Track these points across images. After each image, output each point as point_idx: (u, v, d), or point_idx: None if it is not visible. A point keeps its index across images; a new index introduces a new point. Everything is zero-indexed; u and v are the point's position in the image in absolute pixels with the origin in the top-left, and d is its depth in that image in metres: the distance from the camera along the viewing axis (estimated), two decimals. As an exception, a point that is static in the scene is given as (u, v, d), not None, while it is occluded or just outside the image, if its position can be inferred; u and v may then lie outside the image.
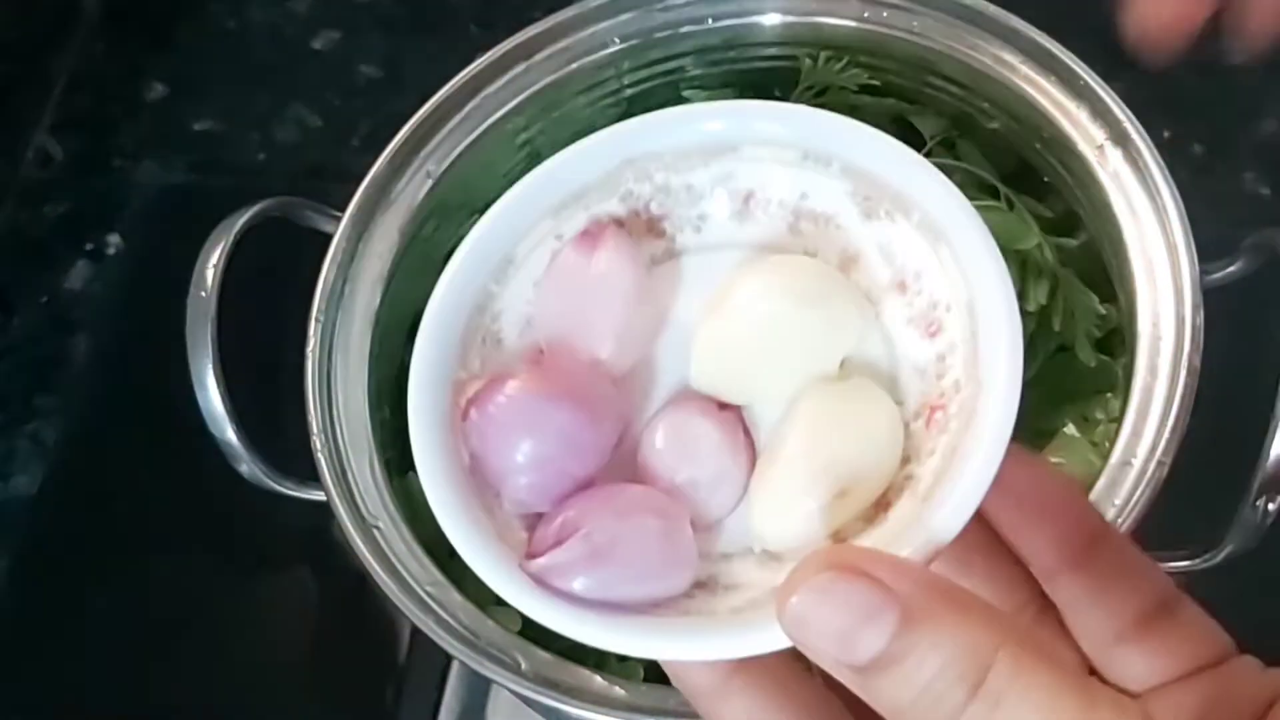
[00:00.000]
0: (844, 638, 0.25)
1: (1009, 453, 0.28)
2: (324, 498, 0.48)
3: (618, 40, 0.56)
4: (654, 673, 0.49)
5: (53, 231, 0.75)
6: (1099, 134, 0.50)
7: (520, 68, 0.55)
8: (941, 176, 0.31)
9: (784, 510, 0.30)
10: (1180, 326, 0.47)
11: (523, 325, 0.33)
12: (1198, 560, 0.47)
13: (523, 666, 0.44)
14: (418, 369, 0.32)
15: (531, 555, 0.29)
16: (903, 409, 0.31)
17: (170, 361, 0.50)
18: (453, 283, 0.32)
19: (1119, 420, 0.46)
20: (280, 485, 0.51)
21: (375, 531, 0.47)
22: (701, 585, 0.30)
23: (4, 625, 0.64)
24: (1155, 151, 0.49)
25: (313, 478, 0.48)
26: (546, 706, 0.44)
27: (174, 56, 0.80)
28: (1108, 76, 0.51)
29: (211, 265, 0.51)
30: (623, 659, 0.49)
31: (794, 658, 0.27)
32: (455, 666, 0.60)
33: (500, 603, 0.51)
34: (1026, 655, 0.25)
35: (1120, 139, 0.50)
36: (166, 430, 0.55)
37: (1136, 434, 0.46)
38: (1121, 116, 0.50)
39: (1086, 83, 0.51)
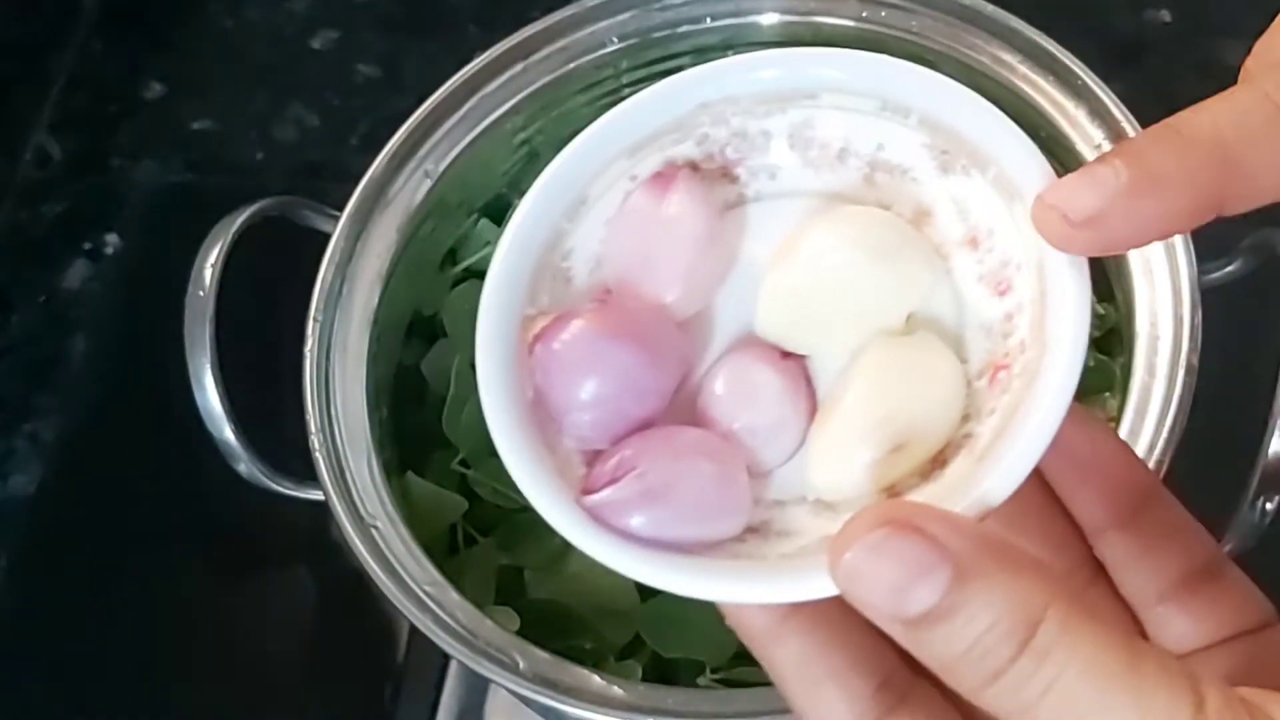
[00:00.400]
0: (896, 592, 0.25)
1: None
2: (322, 497, 0.48)
3: (616, 40, 0.56)
4: (652, 672, 0.49)
5: (51, 231, 0.75)
6: (1097, 134, 0.50)
7: (518, 67, 0.55)
8: (1020, 133, 0.30)
9: (840, 461, 0.30)
10: (1178, 326, 0.47)
11: (593, 264, 0.33)
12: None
13: (521, 666, 0.44)
14: (488, 302, 0.31)
15: (587, 491, 0.30)
16: (967, 367, 0.31)
17: (168, 361, 0.50)
18: (526, 218, 0.32)
19: (1117, 420, 0.46)
20: (278, 485, 0.51)
21: (373, 531, 0.47)
22: (754, 530, 0.31)
23: (2, 624, 0.64)
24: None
25: (311, 477, 0.48)
26: (545, 706, 0.44)
27: (172, 56, 0.80)
28: (1106, 76, 0.51)
29: (210, 264, 0.51)
30: (621, 658, 0.49)
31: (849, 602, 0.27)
32: (453, 666, 0.60)
33: (501, 600, 0.51)
34: (1075, 613, 0.25)
35: (1118, 139, 0.50)
36: (165, 430, 0.55)
37: (1135, 433, 0.46)
38: (1120, 116, 0.50)
39: (1085, 82, 0.51)
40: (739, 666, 0.49)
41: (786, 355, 0.32)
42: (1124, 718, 0.24)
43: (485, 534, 0.52)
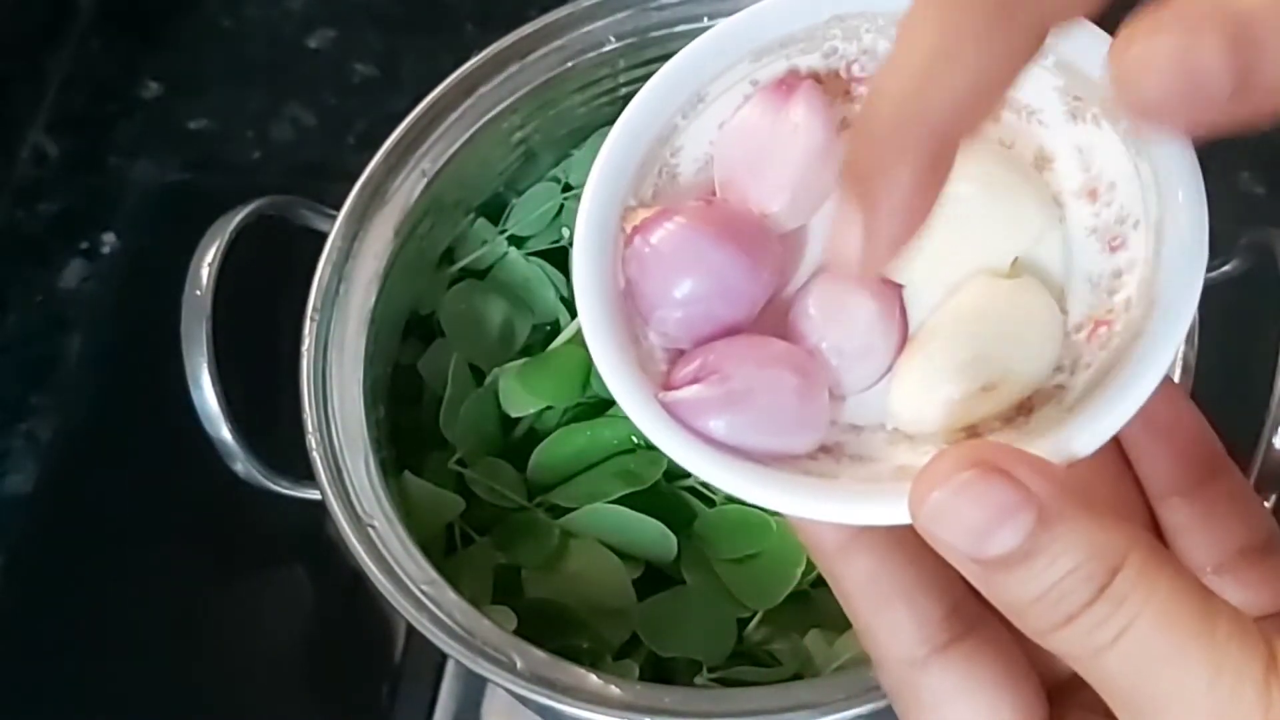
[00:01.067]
0: (979, 534, 0.25)
1: None
2: (319, 496, 0.48)
3: (613, 39, 0.56)
4: (649, 671, 0.49)
5: (48, 230, 0.74)
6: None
7: (516, 66, 0.55)
8: None
9: (925, 394, 0.30)
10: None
11: (700, 164, 0.32)
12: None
13: (518, 665, 0.44)
14: (592, 189, 0.31)
15: (668, 388, 0.30)
16: (1067, 318, 0.31)
17: (165, 360, 0.50)
18: (640, 109, 0.32)
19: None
20: (275, 484, 0.51)
21: (370, 530, 0.47)
22: (827, 450, 0.30)
23: (-1, 624, 0.64)
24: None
25: (308, 476, 0.48)
26: (542, 705, 0.44)
27: (169, 55, 0.80)
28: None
29: (207, 264, 0.51)
30: (618, 657, 0.49)
31: None
32: (451, 665, 0.60)
33: (499, 599, 0.51)
34: (1154, 561, 0.25)
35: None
36: (162, 429, 0.55)
37: (1132, 433, 0.46)
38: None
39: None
40: (736, 666, 0.49)
41: (883, 281, 0.32)
42: (1195, 668, 0.24)
43: (482, 533, 0.52)
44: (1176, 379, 0.46)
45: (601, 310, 0.30)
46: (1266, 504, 0.46)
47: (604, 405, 0.53)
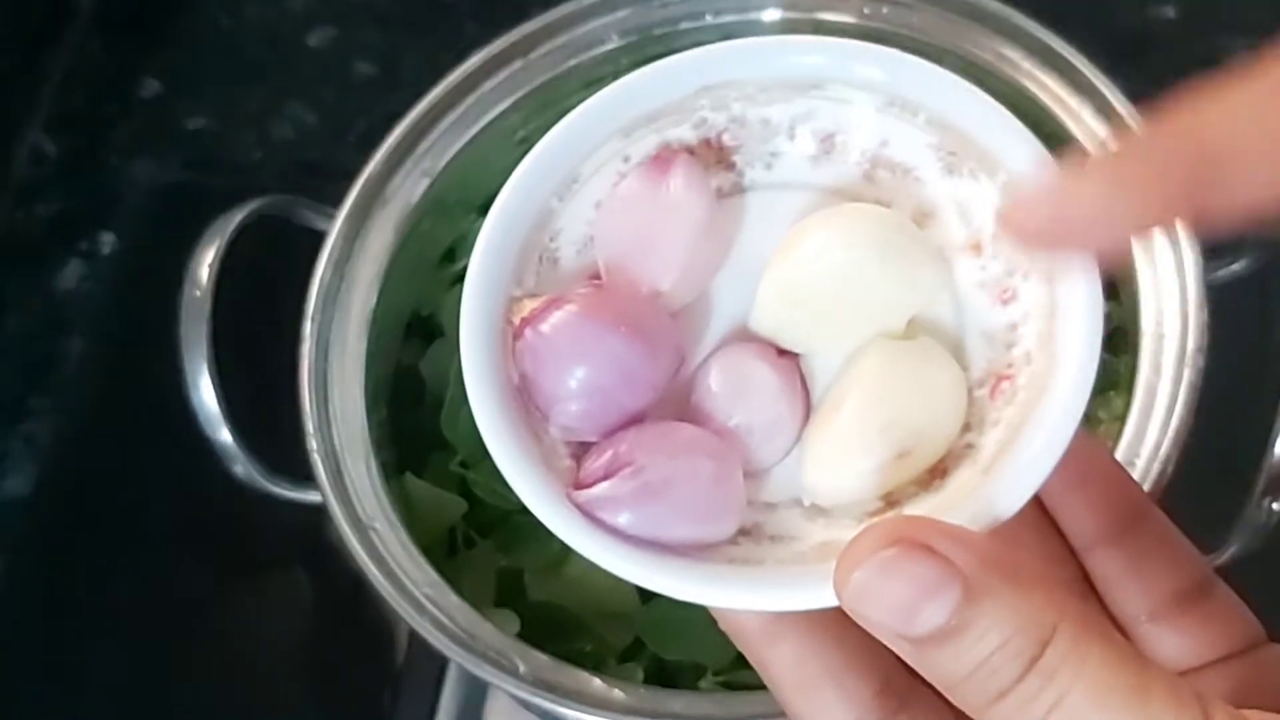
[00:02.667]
0: (904, 612, 0.25)
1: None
2: (320, 499, 0.47)
3: (616, 37, 0.55)
4: (653, 675, 0.49)
5: (46, 230, 0.74)
6: (1102, 130, 0.50)
7: (517, 64, 0.55)
8: (1034, 140, 0.30)
9: (839, 467, 0.30)
10: (1184, 324, 0.47)
11: (580, 245, 0.32)
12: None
13: (520, 669, 0.44)
14: (473, 281, 0.31)
15: (580, 486, 0.29)
16: (967, 375, 0.31)
17: (165, 361, 0.50)
18: (514, 195, 0.31)
19: (1122, 419, 0.46)
20: (275, 486, 0.51)
21: (371, 533, 0.47)
22: (745, 533, 0.30)
23: (-2, 627, 0.64)
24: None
25: (308, 479, 0.48)
26: (544, 709, 0.44)
27: (168, 54, 0.79)
28: (1111, 73, 0.51)
29: (206, 264, 0.50)
30: (622, 661, 0.49)
31: None
32: (453, 669, 0.60)
33: (501, 603, 0.51)
34: (1084, 633, 0.25)
35: (1123, 135, 0.50)
36: (161, 431, 0.55)
37: (1140, 433, 0.46)
38: (1124, 113, 0.50)
39: (1089, 79, 0.51)
40: (740, 669, 0.48)
41: (782, 353, 0.31)
42: None
43: (484, 536, 0.52)
44: (1184, 379, 0.46)
45: (497, 409, 0.29)
46: (1275, 505, 0.46)
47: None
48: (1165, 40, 0.72)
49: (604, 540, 0.28)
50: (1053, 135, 0.51)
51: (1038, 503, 0.31)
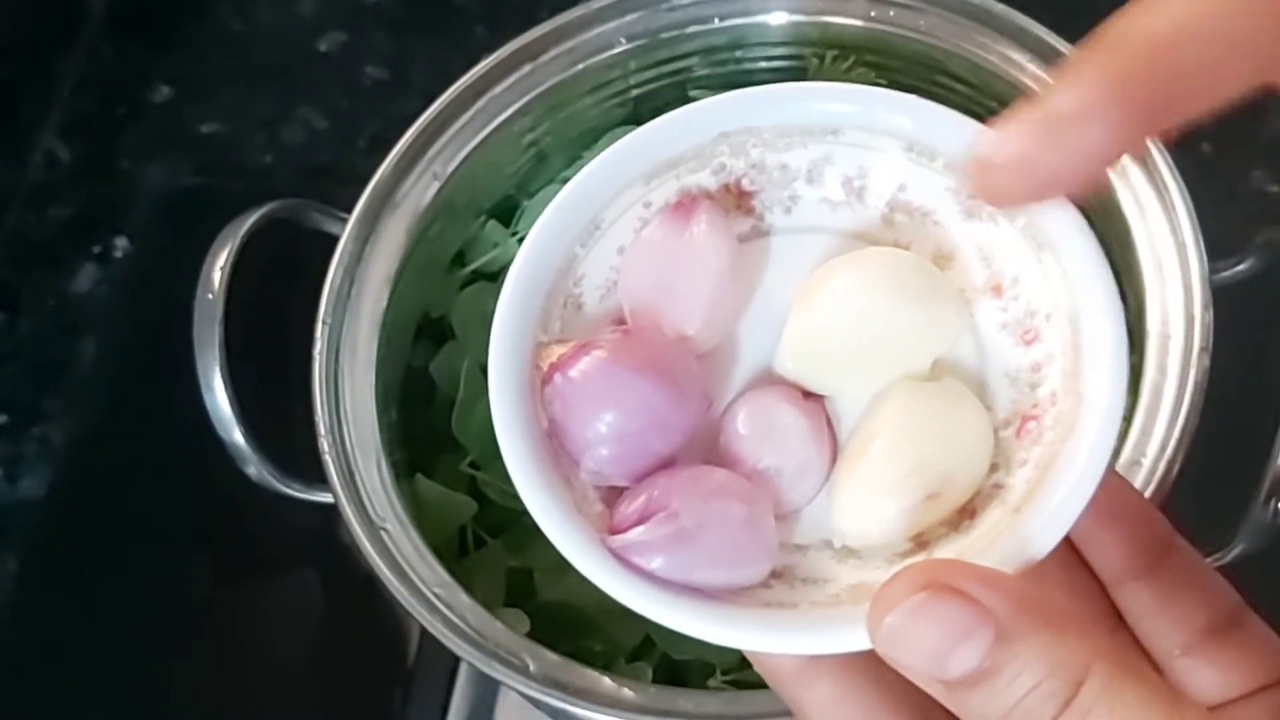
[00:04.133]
0: (937, 656, 0.25)
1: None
2: (331, 500, 0.48)
3: (624, 40, 0.56)
4: (663, 674, 0.49)
5: (60, 234, 0.75)
6: (1107, 132, 0.50)
7: (526, 68, 0.55)
8: None
9: (869, 510, 0.30)
10: (1190, 325, 0.47)
11: (604, 291, 0.32)
12: (1207, 561, 0.47)
13: (531, 668, 0.44)
14: (500, 329, 0.31)
15: (615, 531, 0.29)
16: (992, 416, 0.31)
17: (177, 364, 0.50)
18: (539, 243, 0.31)
19: (1128, 419, 0.46)
20: (287, 487, 0.51)
21: (383, 533, 0.47)
22: (778, 575, 0.30)
23: (11, 627, 0.64)
24: (1163, 149, 0.49)
25: (320, 480, 0.48)
26: (554, 708, 0.44)
27: (180, 58, 0.80)
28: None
29: (218, 267, 0.50)
30: (631, 660, 0.49)
31: None
32: (463, 668, 0.60)
33: (511, 602, 0.51)
34: (1118, 672, 0.25)
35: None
36: (174, 432, 0.55)
37: (1146, 433, 0.46)
38: (1130, 115, 0.50)
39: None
40: (749, 669, 0.49)
41: (808, 395, 0.31)
42: None
43: (495, 536, 0.52)
44: (1190, 380, 0.46)
45: (529, 455, 0.29)
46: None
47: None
48: (1171, 42, 0.72)
49: (638, 585, 0.28)
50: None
51: (1065, 538, 0.31)
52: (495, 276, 0.57)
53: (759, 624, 0.28)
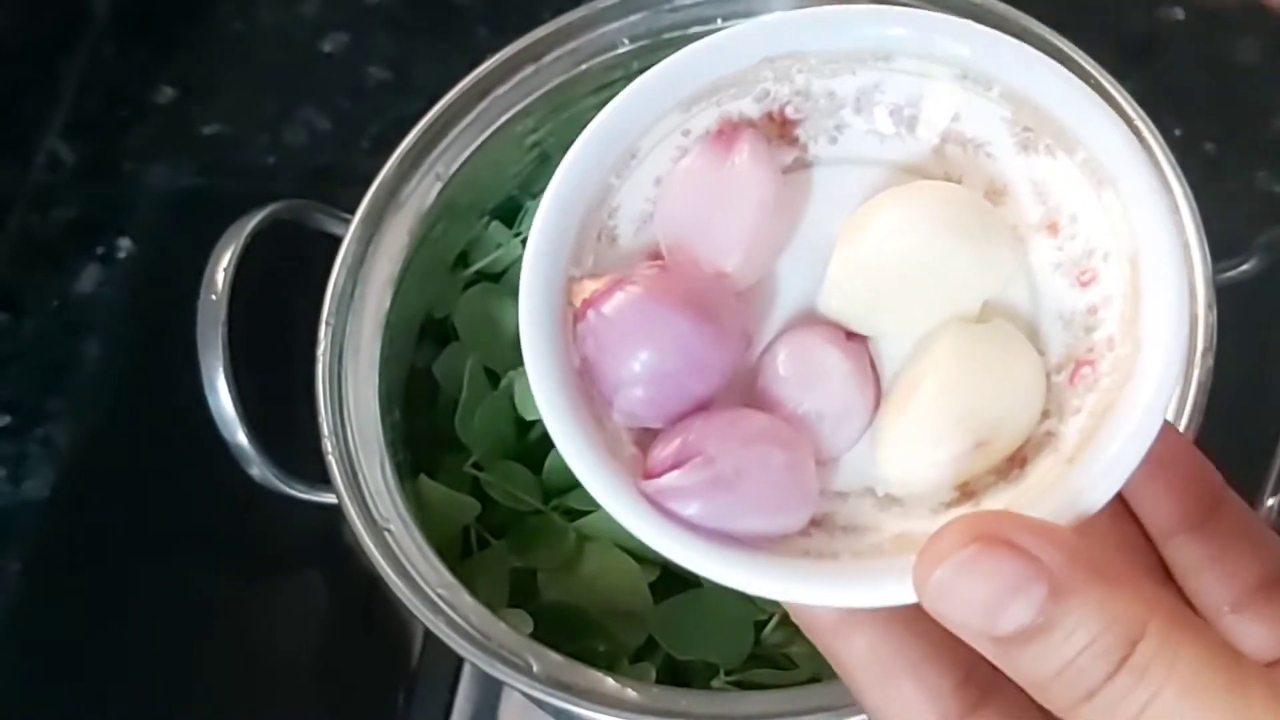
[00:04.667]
0: (988, 611, 0.24)
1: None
2: (335, 500, 0.48)
3: (627, 41, 0.56)
4: (666, 675, 0.49)
5: (63, 235, 0.75)
6: (1110, 132, 0.50)
7: (529, 69, 0.55)
8: (1115, 117, 0.29)
9: (915, 457, 0.29)
10: (1193, 325, 0.47)
11: (640, 223, 0.31)
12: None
13: (534, 669, 0.44)
14: (531, 261, 0.29)
15: (649, 475, 0.28)
16: (1045, 360, 0.29)
17: (181, 365, 0.50)
18: (571, 172, 0.30)
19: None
20: (291, 488, 0.51)
21: (386, 534, 0.47)
22: (817, 524, 0.29)
23: (14, 628, 0.64)
24: (1166, 149, 0.49)
25: (324, 480, 0.48)
26: (558, 709, 0.44)
27: (183, 60, 0.80)
28: (1119, 74, 0.51)
29: (222, 268, 0.51)
30: (635, 660, 0.49)
31: None
32: (467, 669, 0.60)
33: (515, 603, 0.51)
34: (1176, 628, 0.24)
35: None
36: (177, 433, 0.55)
37: (1149, 433, 0.45)
38: (1132, 114, 0.50)
39: (1097, 81, 0.50)
40: (753, 669, 0.49)
41: (851, 335, 0.30)
42: None
43: (498, 536, 0.52)
44: (1193, 380, 0.46)
45: (560, 395, 0.28)
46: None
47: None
48: (1174, 41, 0.72)
49: (673, 531, 0.27)
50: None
51: None
52: (498, 277, 0.57)
53: (798, 574, 0.27)
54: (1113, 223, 0.29)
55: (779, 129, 0.31)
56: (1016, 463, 0.29)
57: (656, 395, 0.29)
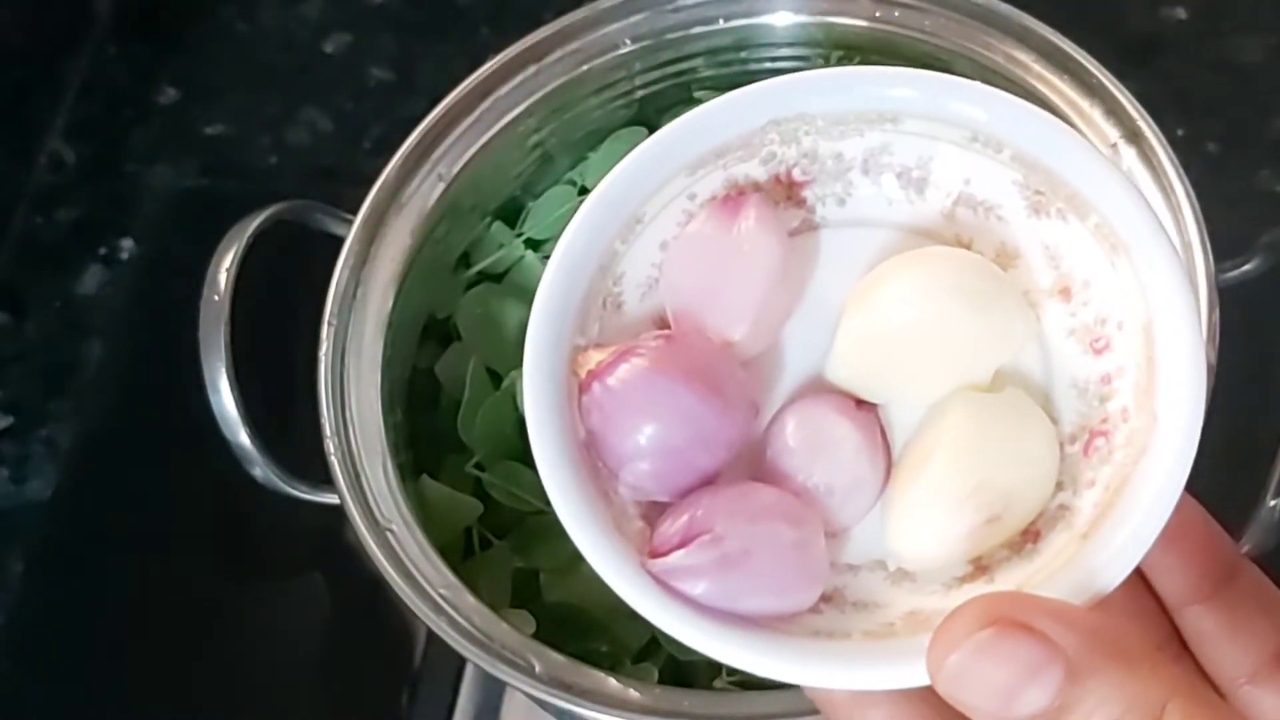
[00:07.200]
0: (1004, 695, 0.24)
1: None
2: (337, 501, 0.48)
3: (629, 42, 0.56)
4: (668, 675, 0.49)
5: (66, 236, 0.75)
6: (1112, 132, 0.50)
7: (531, 69, 0.55)
8: (1129, 182, 0.28)
9: (927, 531, 0.28)
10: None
11: (645, 289, 0.30)
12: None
13: (537, 669, 0.44)
14: (536, 331, 0.29)
15: (655, 554, 0.27)
16: (1058, 430, 0.29)
17: (184, 365, 0.50)
18: (577, 237, 0.29)
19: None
20: (293, 489, 0.51)
21: (389, 534, 0.47)
22: (827, 599, 0.28)
23: (18, 628, 0.64)
24: (1169, 149, 0.49)
25: (326, 481, 0.48)
26: (561, 709, 0.44)
27: (185, 60, 0.80)
28: (1121, 74, 0.51)
29: (224, 269, 0.51)
30: (637, 661, 0.49)
31: None
32: (469, 669, 0.60)
33: (517, 603, 0.51)
34: (1196, 709, 0.24)
35: (1134, 137, 0.50)
36: (180, 434, 0.55)
37: (1152, 433, 0.45)
38: (1135, 115, 0.50)
39: (1100, 81, 0.50)
40: (755, 669, 0.49)
41: (860, 404, 0.30)
42: None
43: (500, 537, 0.52)
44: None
45: (565, 468, 0.28)
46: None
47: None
48: (1176, 41, 0.72)
49: (679, 611, 0.27)
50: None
51: None
52: (500, 278, 0.57)
53: (809, 656, 0.27)
54: (1126, 290, 0.28)
55: (786, 191, 0.31)
56: (1030, 537, 0.28)
57: (663, 469, 0.28)
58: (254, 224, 0.52)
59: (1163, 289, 0.27)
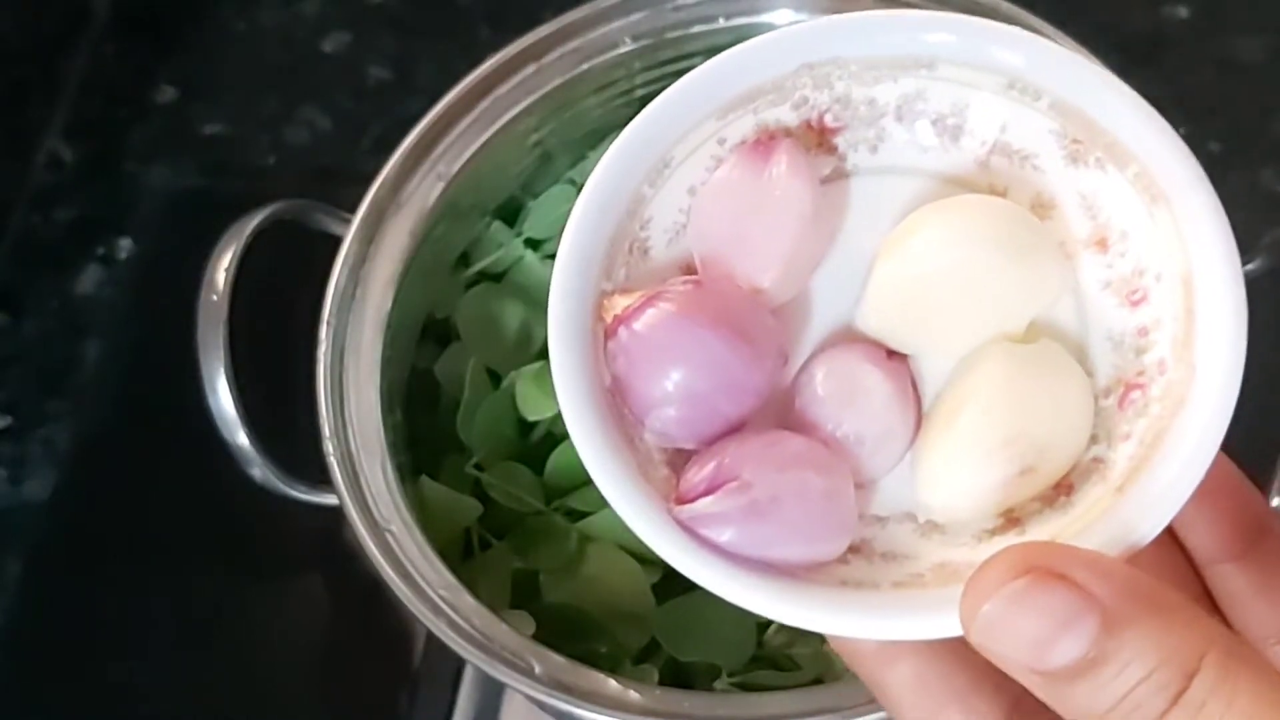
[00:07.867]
0: (1038, 645, 0.23)
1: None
2: (336, 502, 0.48)
3: (629, 40, 0.55)
4: (668, 676, 0.49)
5: (64, 235, 0.75)
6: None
7: (531, 68, 0.55)
8: (1173, 133, 0.28)
9: (957, 483, 0.28)
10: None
11: (673, 234, 0.30)
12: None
13: (536, 670, 0.44)
14: (562, 274, 0.28)
15: (681, 500, 0.27)
16: (1093, 381, 0.28)
17: (182, 365, 0.50)
18: (604, 179, 0.29)
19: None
20: (292, 489, 0.51)
21: (388, 535, 0.47)
22: (855, 550, 0.28)
23: (15, 630, 0.64)
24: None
25: (325, 482, 0.48)
26: (560, 710, 0.44)
27: (184, 59, 0.80)
28: (1122, 74, 0.50)
29: (223, 269, 0.50)
30: (637, 662, 0.49)
31: None
32: (469, 671, 0.60)
33: (516, 604, 0.51)
34: (1233, 662, 0.23)
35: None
36: (178, 434, 0.55)
37: (1155, 434, 0.45)
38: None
39: (1101, 80, 0.50)
40: (756, 670, 0.48)
41: (891, 354, 0.29)
42: None
43: (500, 537, 0.52)
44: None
45: (590, 413, 0.27)
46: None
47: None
48: (1178, 40, 0.72)
49: (706, 559, 0.26)
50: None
51: None
52: (500, 277, 0.57)
53: (837, 605, 0.26)
54: (1165, 241, 0.28)
55: (817, 137, 0.31)
56: (1063, 489, 0.28)
57: (690, 415, 0.28)
58: (252, 223, 0.51)
59: (1203, 240, 0.27)
